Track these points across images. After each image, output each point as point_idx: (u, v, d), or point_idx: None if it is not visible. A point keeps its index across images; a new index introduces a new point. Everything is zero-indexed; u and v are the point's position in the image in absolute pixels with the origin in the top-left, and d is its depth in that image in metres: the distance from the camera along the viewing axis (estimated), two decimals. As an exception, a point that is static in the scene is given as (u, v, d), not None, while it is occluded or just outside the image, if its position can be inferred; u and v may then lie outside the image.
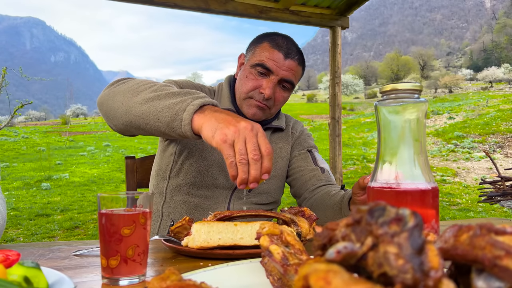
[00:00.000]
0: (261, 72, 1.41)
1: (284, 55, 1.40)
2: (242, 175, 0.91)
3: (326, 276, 0.31)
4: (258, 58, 1.42)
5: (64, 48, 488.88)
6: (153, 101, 1.06)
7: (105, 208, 0.74)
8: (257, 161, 0.91)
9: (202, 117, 0.97)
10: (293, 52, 1.43)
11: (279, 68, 1.39)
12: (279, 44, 1.42)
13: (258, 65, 1.41)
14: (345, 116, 32.07)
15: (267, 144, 0.93)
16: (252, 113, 1.45)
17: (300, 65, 1.46)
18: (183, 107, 1.00)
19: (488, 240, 0.36)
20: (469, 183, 10.58)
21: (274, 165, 1.55)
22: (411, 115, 0.72)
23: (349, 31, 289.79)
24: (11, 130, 23.67)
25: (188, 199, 1.44)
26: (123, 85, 1.20)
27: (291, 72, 1.42)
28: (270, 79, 1.40)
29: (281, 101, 1.47)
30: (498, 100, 25.29)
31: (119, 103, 1.14)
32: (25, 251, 0.97)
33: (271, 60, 1.39)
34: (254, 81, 1.42)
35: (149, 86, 1.14)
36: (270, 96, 1.40)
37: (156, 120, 1.04)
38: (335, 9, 4.98)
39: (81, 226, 6.26)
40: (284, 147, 1.60)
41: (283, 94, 1.46)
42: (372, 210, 0.37)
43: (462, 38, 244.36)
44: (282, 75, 1.40)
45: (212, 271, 0.67)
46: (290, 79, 1.43)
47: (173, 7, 4.26)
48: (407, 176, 0.71)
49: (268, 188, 1.53)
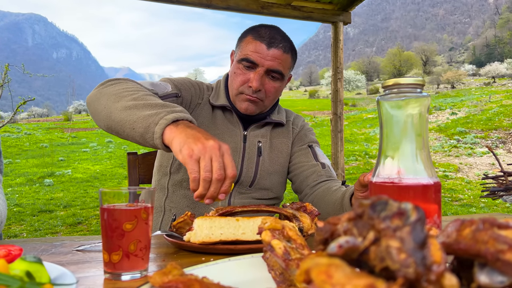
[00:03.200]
0: (247, 66, 1.41)
1: (267, 45, 1.39)
2: (202, 191, 0.93)
3: (328, 270, 0.31)
4: (243, 52, 1.42)
5: (66, 44, 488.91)
6: (131, 110, 1.07)
7: (107, 203, 0.74)
8: (220, 181, 0.93)
9: (174, 131, 0.99)
10: (277, 41, 1.41)
11: (263, 59, 1.39)
12: (261, 35, 1.41)
13: (243, 60, 1.41)
14: (347, 112, 32.02)
15: (233, 167, 0.95)
16: (245, 107, 1.45)
17: (286, 52, 1.43)
18: (156, 120, 1.01)
19: (491, 234, 0.36)
20: (471, 179, 10.56)
21: (275, 161, 1.55)
22: (413, 110, 0.72)
23: (351, 27, 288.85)
24: (13, 126, 23.74)
25: (189, 194, 1.45)
26: (110, 87, 1.20)
27: (276, 61, 1.40)
28: (256, 72, 1.39)
29: (272, 92, 1.46)
30: (500, 96, 25.20)
31: (102, 106, 1.15)
32: (27, 246, 0.98)
33: (255, 53, 1.39)
34: (242, 76, 1.42)
35: (132, 93, 1.14)
36: (258, 88, 1.40)
37: (132, 129, 1.06)
38: (337, 4, 4.96)
39: (84, 222, 6.29)
40: (285, 143, 1.60)
41: (273, 85, 1.45)
42: (374, 204, 0.36)
43: (464, 33, 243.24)
44: (267, 66, 1.39)
45: (214, 266, 0.67)
46: (277, 68, 1.41)
47: (175, 3, 4.25)
48: (409, 171, 0.71)
49: (269, 184, 1.52)
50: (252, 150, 1.51)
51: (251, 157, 1.51)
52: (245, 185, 1.49)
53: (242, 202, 1.46)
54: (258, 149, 1.52)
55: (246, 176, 1.48)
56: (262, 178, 1.51)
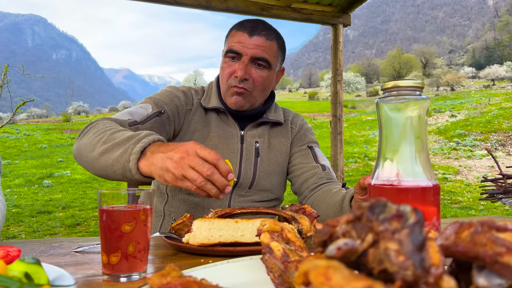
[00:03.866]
0: (232, 57, 1.42)
1: (249, 33, 1.40)
2: (212, 191, 0.96)
3: (326, 272, 0.31)
4: (227, 46, 1.43)
5: (66, 45, 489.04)
6: (105, 155, 1.08)
7: (106, 204, 0.74)
8: (213, 173, 0.94)
9: (145, 163, 1.00)
10: (259, 29, 1.41)
11: (246, 48, 1.39)
12: (243, 25, 1.43)
13: (227, 52, 1.42)
14: (347, 114, 32.04)
15: (210, 152, 0.96)
16: (234, 102, 1.44)
17: (270, 40, 1.43)
18: (127, 158, 1.02)
19: (489, 237, 0.36)
20: (470, 181, 10.56)
21: (274, 161, 1.54)
22: (412, 112, 0.72)
23: (350, 29, 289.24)
24: (13, 127, 23.72)
25: (188, 198, 1.45)
26: (84, 138, 1.20)
27: (260, 48, 1.40)
28: (241, 61, 1.39)
29: (260, 81, 1.44)
30: (500, 98, 25.22)
31: (84, 159, 1.17)
32: (26, 247, 0.98)
33: (237, 43, 1.40)
34: (228, 68, 1.43)
35: (101, 136, 1.13)
36: (243, 77, 1.39)
37: (113, 173, 1.07)
38: (337, 7, 4.96)
39: (83, 223, 6.27)
40: (284, 143, 1.58)
41: (260, 74, 1.43)
42: (373, 207, 0.36)
43: (464, 36, 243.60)
44: (251, 54, 1.39)
45: (213, 268, 0.67)
46: (261, 55, 1.40)
47: (174, 4, 4.26)
48: (408, 174, 0.71)
49: (268, 185, 1.52)
50: (250, 151, 1.50)
51: (249, 158, 1.50)
52: (245, 187, 1.48)
53: (242, 205, 1.46)
54: (255, 150, 1.51)
55: (245, 178, 1.47)
56: (261, 179, 1.50)
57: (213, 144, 1.47)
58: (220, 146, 1.48)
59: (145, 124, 1.33)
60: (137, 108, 1.38)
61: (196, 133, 1.47)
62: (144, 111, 1.37)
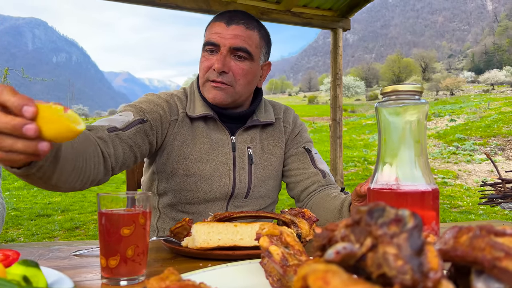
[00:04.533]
0: (210, 49, 1.33)
1: (226, 23, 1.31)
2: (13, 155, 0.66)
3: (325, 276, 0.31)
4: (205, 38, 1.35)
5: (66, 48, 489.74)
6: None
7: (105, 208, 0.74)
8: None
9: None
10: (237, 18, 1.32)
11: (223, 38, 1.30)
12: (221, 16, 1.34)
13: (205, 45, 1.34)
14: (346, 118, 32.06)
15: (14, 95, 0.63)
16: (212, 96, 1.33)
17: (250, 29, 1.33)
18: None
19: (488, 241, 0.36)
20: (470, 186, 10.56)
21: (268, 166, 1.48)
22: (411, 116, 0.72)
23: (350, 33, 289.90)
24: (12, 130, 23.69)
25: (182, 216, 1.40)
26: None
27: (239, 38, 1.30)
28: (219, 53, 1.30)
29: (241, 74, 1.33)
30: (499, 103, 25.25)
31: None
32: (25, 250, 0.97)
33: (214, 34, 1.31)
34: (206, 61, 1.34)
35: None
36: (220, 69, 1.29)
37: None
38: (337, 11, 4.98)
39: (82, 226, 6.26)
40: (277, 144, 1.51)
41: (240, 66, 1.33)
42: (372, 211, 0.36)
43: (463, 40, 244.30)
44: (229, 44, 1.29)
45: (212, 272, 0.66)
46: (240, 45, 1.30)
47: (174, 8, 4.27)
48: (408, 178, 0.71)
49: (264, 191, 1.47)
50: (243, 159, 1.43)
51: (242, 166, 1.42)
52: (241, 197, 1.42)
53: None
54: (249, 157, 1.43)
55: (240, 187, 1.41)
56: (256, 187, 1.44)
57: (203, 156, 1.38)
58: (211, 157, 1.39)
59: (126, 131, 1.22)
60: (117, 116, 1.28)
61: (183, 147, 1.37)
62: (125, 118, 1.26)
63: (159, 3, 4.14)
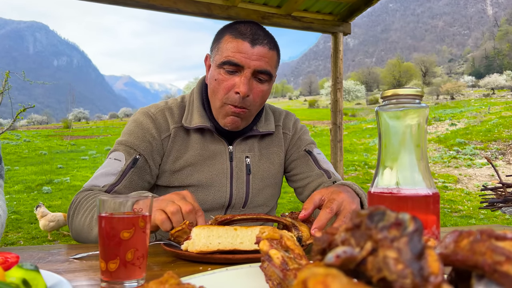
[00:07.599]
0: (231, 70, 1.23)
1: (251, 43, 1.22)
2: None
3: (325, 280, 0.31)
4: (224, 54, 1.24)
5: (67, 52, 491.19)
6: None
7: (105, 211, 0.74)
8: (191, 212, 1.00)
9: None
10: (261, 37, 1.24)
11: (248, 60, 1.21)
12: (242, 32, 1.24)
13: (225, 63, 1.23)
14: (347, 122, 32.08)
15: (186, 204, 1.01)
16: (230, 122, 1.29)
17: (272, 49, 1.27)
18: None
19: (489, 245, 0.36)
20: (470, 190, 10.54)
21: (266, 175, 1.45)
22: (412, 120, 0.72)
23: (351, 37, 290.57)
24: (13, 133, 23.75)
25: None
26: (76, 219, 1.19)
27: (263, 60, 1.23)
28: (243, 75, 1.22)
29: (260, 97, 1.28)
30: (500, 107, 25.26)
31: (85, 238, 1.17)
32: (24, 254, 0.97)
33: (238, 53, 1.21)
34: (225, 82, 1.24)
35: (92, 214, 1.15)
36: (246, 94, 1.22)
37: None
38: (337, 15, 5.00)
39: (82, 230, 6.25)
40: (276, 152, 1.48)
41: (261, 88, 1.27)
42: (372, 215, 0.36)
43: (464, 45, 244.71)
44: (254, 66, 1.22)
45: (212, 276, 0.66)
46: (265, 69, 1.24)
47: (176, 12, 4.29)
48: (408, 182, 0.71)
49: (262, 200, 1.45)
50: (241, 169, 1.40)
51: (240, 177, 1.39)
52: (238, 207, 1.41)
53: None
54: (246, 167, 1.40)
55: (237, 198, 1.39)
56: (254, 196, 1.42)
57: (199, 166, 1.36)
58: (207, 167, 1.36)
59: (121, 183, 1.24)
60: (111, 163, 1.28)
61: (178, 160, 1.35)
62: (119, 164, 1.27)
63: (161, 7, 4.16)
